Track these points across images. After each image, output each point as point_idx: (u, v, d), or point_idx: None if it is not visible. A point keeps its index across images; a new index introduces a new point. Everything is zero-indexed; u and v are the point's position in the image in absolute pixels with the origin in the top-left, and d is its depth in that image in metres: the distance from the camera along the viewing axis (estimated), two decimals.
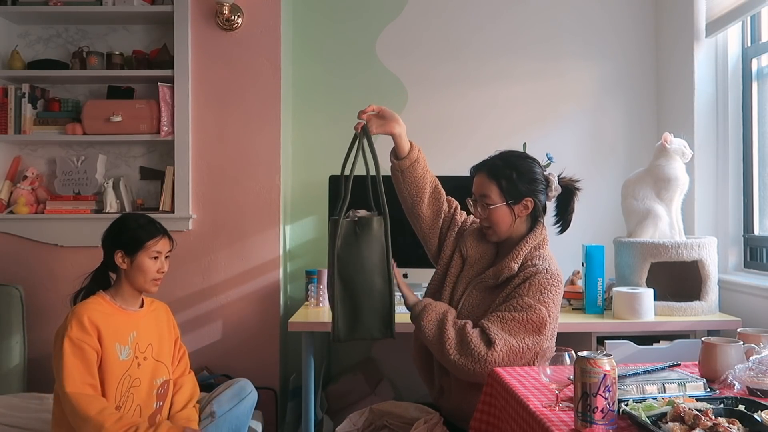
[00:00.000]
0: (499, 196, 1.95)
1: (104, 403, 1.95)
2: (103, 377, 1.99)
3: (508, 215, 1.96)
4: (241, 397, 2.22)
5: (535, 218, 2.00)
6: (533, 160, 2.03)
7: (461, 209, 2.16)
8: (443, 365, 1.91)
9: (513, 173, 1.95)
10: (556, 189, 2.01)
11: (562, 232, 2.08)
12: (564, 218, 2.07)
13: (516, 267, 1.92)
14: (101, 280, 2.15)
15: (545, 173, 2.02)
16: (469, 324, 1.85)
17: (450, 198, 2.16)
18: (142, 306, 2.17)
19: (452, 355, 1.82)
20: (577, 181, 2.08)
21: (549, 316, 1.86)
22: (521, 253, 1.94)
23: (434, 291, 2.10)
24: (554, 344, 1.95)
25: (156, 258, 2.12)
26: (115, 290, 2.12)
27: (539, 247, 1.96)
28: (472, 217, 2.15)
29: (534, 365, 1.82)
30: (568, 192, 2.05)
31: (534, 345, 1.83)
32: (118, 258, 2.09)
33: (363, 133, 1.94)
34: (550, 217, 2.09)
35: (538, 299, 1.85)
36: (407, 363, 2.28)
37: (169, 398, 2.16)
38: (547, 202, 2.04)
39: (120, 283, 2.12)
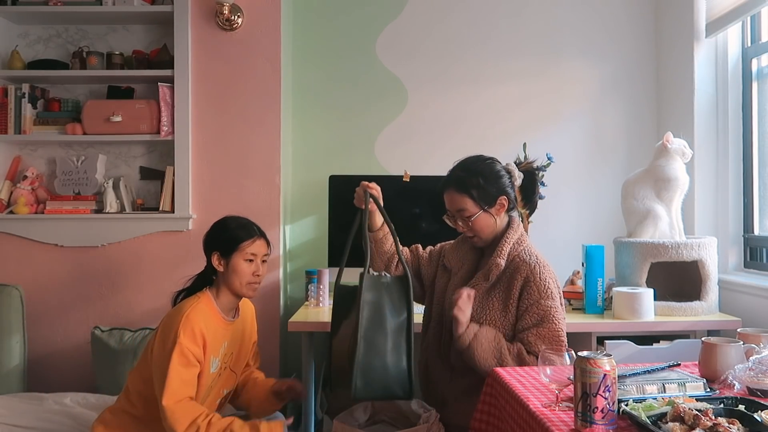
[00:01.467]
0: (474, 206, 2.00)
1: (193, 416, 1.89)
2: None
3: (489, 220, 2.01)
4: None
5: (509, 212, 2.07)
6: (492, 159, 2.08)
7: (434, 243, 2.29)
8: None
9: (479, 179, 2.00)
10: (519, 177, 2.10)
11: (530, 214, 2.15)
12: (531, 200, 2.18)
13: (503, 263, 1.98)
14: (205, 282, 2.11)
15: (505, 166, 2.09)
16: (524, 350, 1.91)
17: (411, 247, 2.27)
18: (236, 315, 2.13)
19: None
20: (534, 161, 2.21)
21: (559, 305, 1.97)
22: (505, 248, 1.99)
23: (429, 308, 2.18)
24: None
25: (251, 261, 2.07)
26: (217, 292, 2.07)
27: (521, 242, 2.02)
28: (439, 245, 2.25)
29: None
30: (530, 175, 2.14)
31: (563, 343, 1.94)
32: (215, 260, 2.06)
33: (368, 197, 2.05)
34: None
35: (549, 296, 1.93)
36: None
37: (225, 405, 2.17)
38: (517, 191, 2.12)
39: (220, 286, 2.08)
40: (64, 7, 2.89)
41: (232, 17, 2.89)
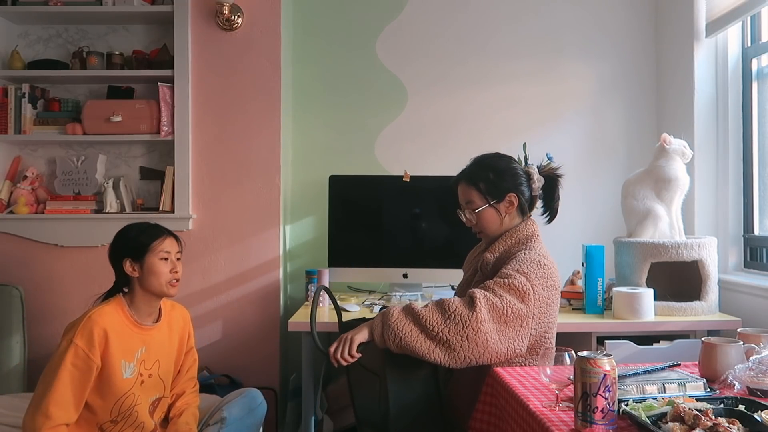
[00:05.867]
0: (481, 199, 2.00)
1: None
2: (102, 394, 1.92)
3: (494, 215, 2.00)
4: (252, 408, 2.19)
5: (524, 213, 2.04)
6: (509, 157, 2.08)
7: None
8: (438, 361, 1.76)
9: (490, 173, 2.00)
10: (538, 180, 2.05)
11: (550, 221, 2.11)
12: (550, 207, 2.11)
13: (492, 258, 1.95)
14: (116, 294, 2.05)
15: (525, 167, 2.06)
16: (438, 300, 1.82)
17: None
18: (158, 320, 2.06)
19: (439, 331, 1.71)
20: (557, 168, 2.10)
21: (531, 286, 1.81)
22: (500, 246, 1.97)
23: None
24: (554, 334, 1.93)
25: (166, 259, 2.01)
26: (131, 298, 2.01)
27: (527, 241, 1.96)
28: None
29: (522, 339, 1.78)
30: (551, 181, 2.09)
31: (518, 310, 1.77)
32: (128, 267, 1.98)
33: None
34: (538, 208, 2.11)
35: (516, 269, 1.84)
36: None
37: (162, 413, 2.10)
38: (535, 195, 2.06)
39: (134, 294, 2.00)
40: (64, 7, 2.89)
41: (232, 17, 2.89)
